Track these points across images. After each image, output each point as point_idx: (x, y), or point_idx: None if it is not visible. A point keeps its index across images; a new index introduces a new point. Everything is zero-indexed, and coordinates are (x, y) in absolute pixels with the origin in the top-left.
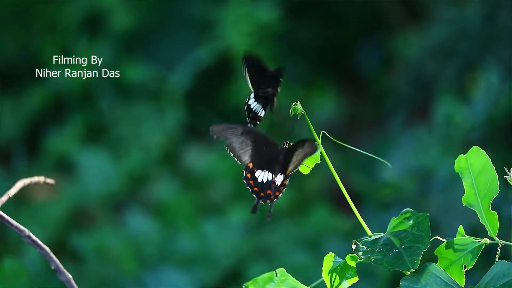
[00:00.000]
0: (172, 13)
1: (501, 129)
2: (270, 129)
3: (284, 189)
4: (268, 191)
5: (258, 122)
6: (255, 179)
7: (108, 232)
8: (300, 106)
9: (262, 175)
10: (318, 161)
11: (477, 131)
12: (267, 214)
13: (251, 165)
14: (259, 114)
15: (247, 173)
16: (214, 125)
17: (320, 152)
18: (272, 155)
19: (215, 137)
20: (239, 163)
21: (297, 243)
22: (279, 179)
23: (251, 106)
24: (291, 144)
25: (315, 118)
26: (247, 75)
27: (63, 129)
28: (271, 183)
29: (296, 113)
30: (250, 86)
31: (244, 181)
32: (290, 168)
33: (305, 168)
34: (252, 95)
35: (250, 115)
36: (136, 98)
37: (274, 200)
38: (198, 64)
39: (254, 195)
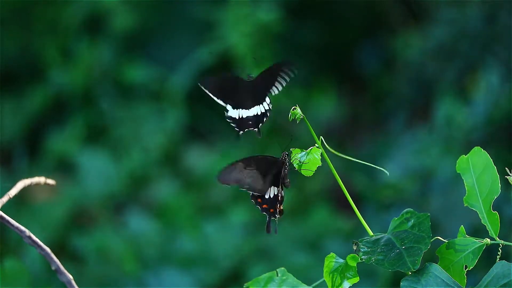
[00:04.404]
0: (173, 14)
1: (502, 130)
2: (270, 134)
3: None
4: (276, 205)
5: (253, 128)
6: (262, 196)
7: (108, 233)
8: (299, 110)
9: (269, 191)
10: (320, 164)
11: (478, 131)
12: (274, 230)
13: None
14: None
15: None
16: (218, 175)
17: (321, 154)
18: (273, 170)
19: (226, 185)
20: (257, 194)
21: (298, 244)
22: (279, 193)
23: (234, 116)
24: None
25: (316, 119)
26: (213, 96)
27: (63, 129)
28: (277, 197)
29: (295, 117)
30: (222, 102)
31: (252, 200)
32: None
33: (308, 171)
34: (228, 107)
35: (238, 125)
36: (136, 98)
37: (278, 216)
38: (198, 65)
39: (264, 213)
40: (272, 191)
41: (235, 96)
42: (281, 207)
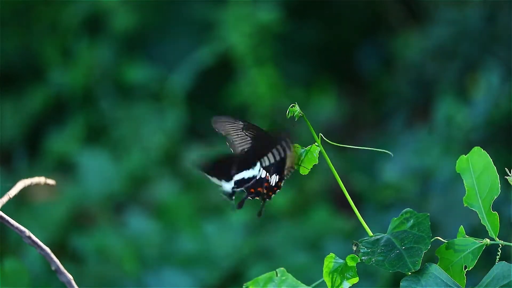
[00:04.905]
0: (173, 14)
1: (502, 130)
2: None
3: (277, 191)
4: (259, 189)
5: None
6: (247, 181)
7: (108, 233)
8: (298, 107)
9: (259, 173)
10: (316, 162)
11: (478, 131)
12: (258, 213)
13: None
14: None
15: None
16: (216, 117)
17: (321, 153)
18: (265, 149)
19: (216, 129)
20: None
21: (298, 244)
22: (274, 179)
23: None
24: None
25: (315, 118)
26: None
27: (63, 129)
28: (264, 180)
29: (293, 114)
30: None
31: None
32: (284, 173)
33: (304, 169)
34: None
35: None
36: (136, 98)
37: (266, 200)
38: (199, 65)
39: (250, 197)
40: (260, 173)
41: None
42: (273, 192)
